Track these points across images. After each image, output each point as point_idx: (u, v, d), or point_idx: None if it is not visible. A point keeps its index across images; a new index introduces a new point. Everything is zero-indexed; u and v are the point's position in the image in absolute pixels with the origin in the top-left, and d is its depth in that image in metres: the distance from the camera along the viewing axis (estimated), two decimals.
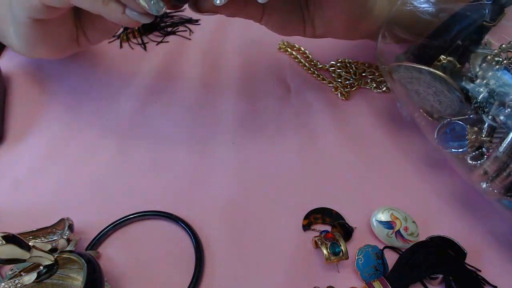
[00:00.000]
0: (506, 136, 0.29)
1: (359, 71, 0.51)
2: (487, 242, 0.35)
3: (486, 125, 0.32)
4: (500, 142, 0.29)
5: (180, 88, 0.51)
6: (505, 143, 0.29)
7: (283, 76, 0.52)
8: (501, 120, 0.30)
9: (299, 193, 0.39)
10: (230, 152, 0.43)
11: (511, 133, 0.28)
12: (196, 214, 0.37)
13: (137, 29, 0.59)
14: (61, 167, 0.42)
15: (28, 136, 0.45)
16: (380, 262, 0.33)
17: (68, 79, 0.53)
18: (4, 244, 0.25)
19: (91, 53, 0.57)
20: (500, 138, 0.30)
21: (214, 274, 0.33)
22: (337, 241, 0.32)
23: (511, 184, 0.30)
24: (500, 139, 0.29)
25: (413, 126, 0.44)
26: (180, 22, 0.62)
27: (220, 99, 0.49)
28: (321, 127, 0.45)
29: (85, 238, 0.35)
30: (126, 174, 0.41)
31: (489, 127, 0.32)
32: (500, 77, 0.31)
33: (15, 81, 0.52)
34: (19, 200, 0.39)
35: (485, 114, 0.32)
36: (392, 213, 0.35)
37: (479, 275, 0.32)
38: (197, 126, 0.46)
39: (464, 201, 0.38)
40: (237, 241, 0.35)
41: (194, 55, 0.56)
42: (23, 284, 0.28)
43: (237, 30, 0.60)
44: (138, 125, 0.46)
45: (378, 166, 0.41)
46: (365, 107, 0.47)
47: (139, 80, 0.52)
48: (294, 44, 0.56)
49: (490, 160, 0.30)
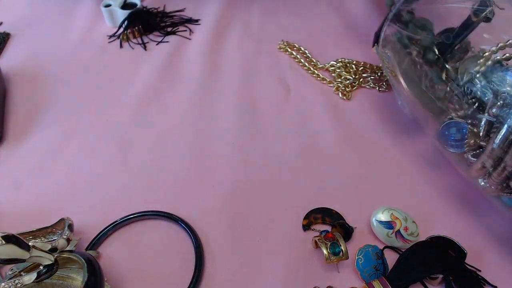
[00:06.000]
0: (501, 128, 0.29)
1: (359, 70, 0.51)
2: (487, 242, 0.35)
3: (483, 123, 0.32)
4: (495, 134, 0.29)
5: (180, 88, 0.51)
6: (500, 136, 0.29)
7: (283, 76, 0.52)
8: (493, 112, 0.30)
9: (299, 193, 0.39)
10: (230, 152, 0.43)
11: (505, 126, 0.29)
12: (196, 214, 0.37)
13: (137, 29, 0.59)
14: (61, 167, 0.42)
15: (28, 136, 0.45)
16: (380, 262, 0.33)
17: (68, 79, 0.53)
18: (4, 244, 0.25)
19: (91, 53, 0.57)
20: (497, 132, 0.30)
21: (214, 274, 0.33)
22: (337, 241, 0.32)
23: (508, 178, 0.30)
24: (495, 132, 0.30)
25: (414, 126, 0.44)
26: (180, 22, 0.62)
27: (220, 99, 0.49)
28: (321, 127, 0.45)
29: (85, 238, 0.35)
30: (126, 174, 0.41)
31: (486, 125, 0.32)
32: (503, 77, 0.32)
33: (15, 81, 0.52)
34: (19, 200, 0.39)
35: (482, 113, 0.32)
36: (392, 213, 0.35)
37: (479, 275, 0.32)
38: (197, 126, 0.46)
39: (464, 201, 0.38)
40: (237, 241, 0.35)
41: (194, 55, 0.56)
42: (23, 284, 0.28)
43: (237, 30, 0.60)
44: (138, 125, 0.46)
45: (378, 166, 0.41)
46: (365, 106, 0.47)
47: (139, 80, 0.52)
48: (294, 44, 0.56)
49: (486, 153, 0.30)
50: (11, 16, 0.65)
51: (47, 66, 0.55)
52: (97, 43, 0.59)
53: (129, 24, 0.59)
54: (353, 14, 0.62)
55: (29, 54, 0.57)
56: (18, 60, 0.56)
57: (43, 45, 0.59)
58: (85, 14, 0.64)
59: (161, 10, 0.65)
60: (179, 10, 0.65)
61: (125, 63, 0.55)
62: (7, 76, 0.52)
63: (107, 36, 0.60)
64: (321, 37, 0.58)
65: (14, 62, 0.55)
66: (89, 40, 0.60)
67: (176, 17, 0.63)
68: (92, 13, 0.64)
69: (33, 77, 0.53)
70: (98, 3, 0.63)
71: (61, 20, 0.64)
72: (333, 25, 0.60)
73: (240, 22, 0.62)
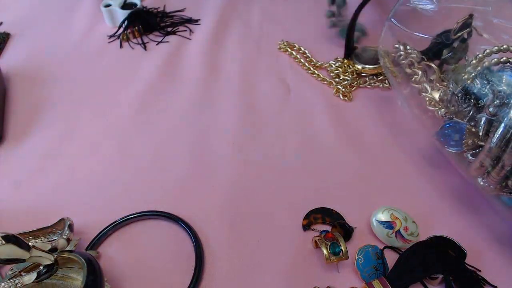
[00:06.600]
0: (498, 126, 0.29)
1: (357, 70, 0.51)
2: (487, 242, 0.35)
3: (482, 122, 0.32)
4: (493, 133, 0.30)
5: (180, 88, 0.51)
6: (497, 134, 0.29)
7: (283, 76, 0.52)
8: (491, 111, 0.30)
9: (299, 193, 0.39)
10: (230, 152, 0.43)
11: (502, 124, 0.29)
12: (196, 214, 0.37)
13: (137, 29, 0.59)
14: (61, 167, 0.42)
15: (28, 136, 0.45)
16: (380, 262, 0.33)
17: (68, 79, 0.53)
18: (4, 244, 0.25)
19: (91, 53, 0.57)
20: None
21: (214, 274, 0.33)
22: (337, 241, 0.32)
23: (507, 177, 0.30)
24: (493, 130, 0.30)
25: (414, 126, 0.44)
26: (180, 22, 0.62)
27: (220, 99, 0.49)
28: (321, 127, 0.45)
29: (85, 238, 0.35)
30: (126, 174, 0.41)
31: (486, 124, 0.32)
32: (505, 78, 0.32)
33: (15, 81, 0.52)
34: (19, 200, 0.39)
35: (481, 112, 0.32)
36: (392, 213, 0.35)
37: (479, 275, 0.32)
38: (197, 126, 0.46)
39: (464, 201, 0.38)
40: (237, 241, 0.35)
41: (194, 55, 0.56)
42: (23, 284, 0.28)
43: (237, 30, 0.60)
44: (138, 125, 0.46)
45: (378, 166, 0.41)
46: (364, 106, 0.47)
47: (139, 80, 0.52)
48: (294, 44, 0.56)
49: (485, 151, 0.30)
50: (11, 16, 0.65)
51: (47, 66, 0.55)
52: (97, 43, 0.59)
53: (129, 24, 0.59)
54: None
55: (29, 54, 0.57)
56: (18, 60, 0.56)
57: (43, 45, 0.59)
58: (85, 14, 0.64)
59: (161, 10, 0.65)
60: (179, 10, 0.65)
61: (125, 63, 0.55)
62: (7, 76, 0.52)
63: (107, 36, 0.60)
64: (321, 37, 0.58)
65: (14, 62, 0.55)
66: (89, 40, 0.60)
67: (176, 17, 0.63)
68: (92, 13, 0.64)
69: (33, 77, 0.53)
70: (98, 3, 0.63)
71: (61, 20, 0.64)
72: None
73: (240, 22, 0.62)
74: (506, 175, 0.30)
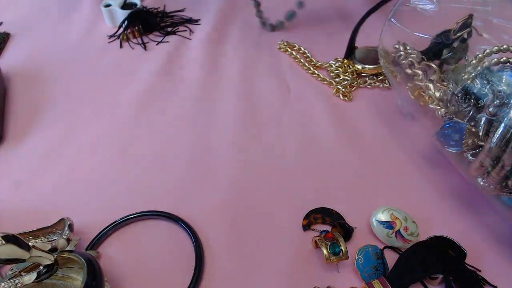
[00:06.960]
0: (498, 126, 0.29)
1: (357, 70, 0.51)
2: (487, 242, 0.35)
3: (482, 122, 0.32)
4: (493, 133, 0.30)
5: (180, 88, 0.51)
6: (497, 134, 0.29)
7: (283, 76, 0.52)
8: (491, 111, 0.30)
9: (299, 193, 0.39)
10: (230, 152, 0.43)
11: (502, 124, 0.29)
12: (196, 214, 0.37)
13: (137, 29, 0.59)
14: (61, 167, 0.42)
15: (28, 136, 0.45)
16: (380, 262, 0.33)
17: (68, 79, 0.53)
18: (4, 244, 0.25)
19: (91, 53, 0.57)
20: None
21: (214, 274, 0.33)
22: (337, 241, 0.32)
23: (507, 177, 0.30)
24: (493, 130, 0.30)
25: (414, 126, 0.44)
26: (180, 22, 0.62)
27: (220, 99, 0.49)
28: (321, 127, 0.45)
29: (85, 238, 0.35)
30: (126, 174, 0.41)
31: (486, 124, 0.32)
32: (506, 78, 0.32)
33: (15, 81, 0.52)
34: (19, 200, 0.39)
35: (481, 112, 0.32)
36: (392, 213, 0.35)
37: (479, 275, 0.32)
38: (197, 126, 0.46)
39: (464, 201, 0.38)
40: (237, 241, 0.35)
41: (194, 55, 0.56)
42: (23, 284, 0.28)
43: (237, 30, 0.60)
44: (138, 125, 0.46)
45: (378, 166, 0.41)
46: (364, 106, 0.47)
47: (139, 80, 0.52)
48: (294, 44, 0.56)
49: (484, 151, 0.30)
50: (11, 16, 0.65)
51: (47, 66, 0.55)
52: (97, 43, 0.59)
53: (129, 24, 0.59)
54: (353, 14, 0.62)
55: (29, 54, 0.57)
56: (18, 60, 0.56)
57: (43, 45, 0.59)
58: (85, 14, 0.64)
59: (161, 10, 0.65)
60: (179, 10, 0.65)
61: (125, 63, 0.55)
62: (7, 76, 0.52)
63: (107, 36, 0.60)
64: (321, 37, 0.58)
65: (14, 62, 0.55)
66: (89, 40, 0.60)
67: (176, 17, 0.63)
68: (92, 13, 0.64)
69: (33, 77, 0.53)
70: (98, 3, 0.63)
71: (61, 20, 0.64)
72: (333, 25, 0.60)
73: (240, 22, 0.62)
74: (506, 175, 0.30)
